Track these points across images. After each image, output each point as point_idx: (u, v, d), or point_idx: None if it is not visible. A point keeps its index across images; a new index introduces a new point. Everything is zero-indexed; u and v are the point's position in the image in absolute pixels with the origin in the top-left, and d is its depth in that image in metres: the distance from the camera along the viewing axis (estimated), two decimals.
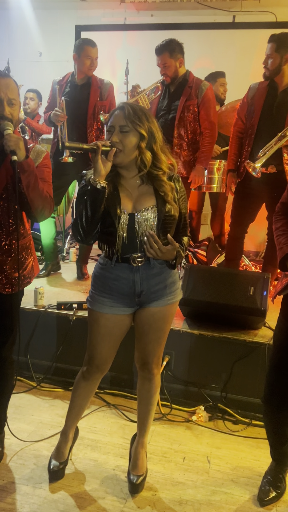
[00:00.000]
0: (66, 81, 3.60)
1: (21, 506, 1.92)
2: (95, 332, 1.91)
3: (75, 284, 3.66)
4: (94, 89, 3.55)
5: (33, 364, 2.96)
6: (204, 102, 3.36)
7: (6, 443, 2.29)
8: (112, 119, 1.77)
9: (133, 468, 2.08)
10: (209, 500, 2.03)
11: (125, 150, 1.73)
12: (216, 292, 2.80)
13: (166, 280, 1.87)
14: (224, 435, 2.51)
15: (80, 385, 2.01)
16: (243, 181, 3.29)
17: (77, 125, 3.53)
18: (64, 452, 2.11)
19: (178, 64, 3.38)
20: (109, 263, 1.84)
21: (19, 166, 1.76)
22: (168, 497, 2.03)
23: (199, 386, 2.76)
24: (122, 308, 1.87)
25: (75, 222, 1.79)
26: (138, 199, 1.79)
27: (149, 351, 1.96)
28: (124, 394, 2.82)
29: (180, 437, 2.47)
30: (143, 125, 1.74)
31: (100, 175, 1.71)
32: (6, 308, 2.03)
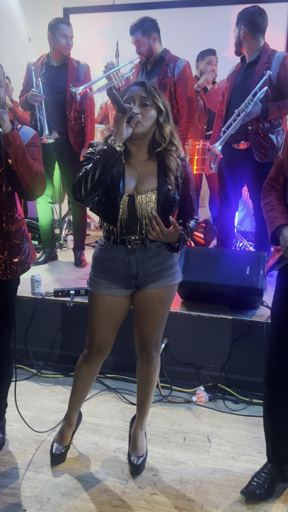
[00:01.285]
0: (41, 62, 3.55)
1: (24, 490, 1.94)
2: (94, 313, 1.92)
3: (73, 271, 3.65)
4: (71, 70, 3.52)
5: (33, 352, 2.97)
6: (181, 80, 3.28)
7: (7, 429, 2.30)
8: (129, 92, 1.76)
9: (133, 450, 2.09)
10: (210, 478, 2.05)
11: (145, 123, 1.72)
12: (213, 273, 2.79)
13: (163, 263, 1.86)
14: (225, 415, 2.52)
15: (82, 369, 2.02)
16: (222, 158, 3.29)
17: (56, 106, 3.50)
18: (67, 436, 2.13)
19: (151, 41, 3.29)
20: (107, 244, 1.84)
21: (5, 139, 1.75)
22: (169, 477, 2.05)
23: (199, 367, 2.77)
24: (119, 289, 1.87)
25: (78, 180, 1.74)
26: (140, 180, 1.78)
27: (146, 333, 1.95)
28: (124, 378, 2.83)
29: (181, 418, 2.49)
30: (161, 101, 1.75)
31: (121, 137, 1.68)
32: (2, 296, 2.02)
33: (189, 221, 1.90)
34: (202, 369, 2.77)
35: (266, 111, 2.94)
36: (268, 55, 3.01)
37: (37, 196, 1.94)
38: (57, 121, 3.52)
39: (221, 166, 3.34)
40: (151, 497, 1.92)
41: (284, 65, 2.95)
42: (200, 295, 2.85)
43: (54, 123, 3.52)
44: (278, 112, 2.96)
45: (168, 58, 3.32)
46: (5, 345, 2.14)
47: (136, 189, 1.77)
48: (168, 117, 1.79)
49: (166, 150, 1.78)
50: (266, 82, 2.96)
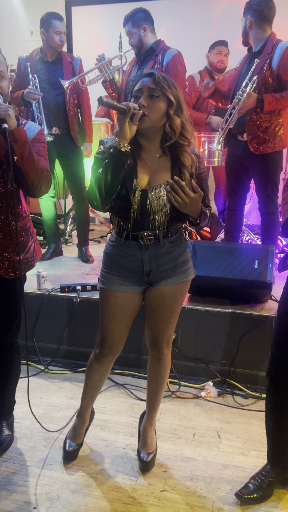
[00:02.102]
0: (35, 58, 3.50)
1: (33, 487, 1.93)
2: (106, 311, 1.87)
3: (79, 266, 3.63)
4: (66, 65, 3.49)
5: (40, 348, 2.96)
6: (169, 70, 3.16)
7: (15, 426, 2.29)
8: (139, 84, 1.70)
9: (142, 446, 2.08)
10: (220, 474, 2.03)
11: (152, 115, 1.66)
12: (221, 267, 2.76)
13: (176, 259, 1.82)
14: (234, 410, 2.50)
15: (94, 367, 1.98)
16: (229, 151, 3.25)
17: (54, 103, 3.47)
18: (80, 433, 2.11)
19: (141, 32, 3.21)
20: (118, 240, 1.79)
21: (11, 135, 1.71)
22: (179, 473, 2.03)
23: (207, 362, 2.75)
24: (131, 286, 1.83)
25: (91, 187, 1.69)
26: (153, 174, 1.73)
27: (158, 330, 1.92)
28: (132, 374, 2.81)
29: (190, 413, 2.47)
30: (172, 92, 1.68)
31: (126, 138, 1.63)
32: (9, 294, 2.00)
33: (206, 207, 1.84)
34: (210, 364, 2.74)
35: (261, 102, 2.89)
36: (273, 44, 2.95)
37: (43, 193, 1.91)
38: (57, 117, 3.49)
39: (227, 158, 3.31)
40: (162, 494, 1.91)
41: (285, 56, 2.89)
42: (208, 290, 2.82)
43: (54, 119, 3.49)
44: (275, 104, 2.90)
45: (159, 49, 3.24)
46: (13, 342, 2.12)
47: (149, 184, 1.72)
48: (181, 109, 1.71)
49: (178, 144, 1.72)
50: (260, 71, 2.91)
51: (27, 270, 2.06)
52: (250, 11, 2.97)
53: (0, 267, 1.92)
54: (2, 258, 1.92)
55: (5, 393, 2.18)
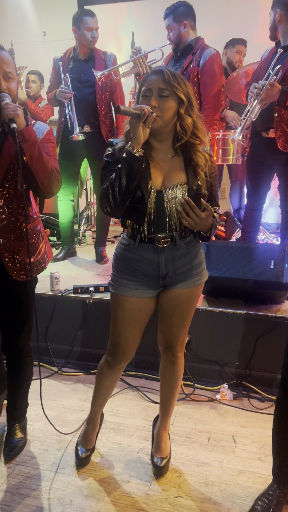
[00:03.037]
0: (68, 57, 3.48)
1: (46, 492, 1.91)
2: (120, 317, 1.82)
3: (92, 267, 3.61)
4: (98, 62, 3.43)
5: (53, 350, 2.94)
6: (205, 71, 3.12)
7: (28, 429, 2.28)
8: (147, 83, 1.64)
9: (156, 451, 2.04)
10: (236, 480, 1.98)
11: (163, 116, 1.61)
12: (236, 267, 2.71)
13: (192, 261, 1.77)
14: (250, 413, 2.45)
15: (105, 374, 1.93)
16: (251, 149, 3.17)
17: (86, 101, 3.43)
18: (91, 438, 2.09)
19: (182, 28, 3.16)
20: (132, 243, 1.74)
21: (20, 135, 1.69)
22: (194, 479, 1.99)
23: (222, 364, 2.70)
24: (146, 290, 1.78)
25: (104, 193, 1.64)
26: (168, 175, 1.68)
27: (173, 334, 1.88)
28: (146, 376, 2.78)
29: (204, 417, 2.42)
30: (182, 90, 1.62)
31: (139, 142, 1.58)
32: (21, 296, 1.99)
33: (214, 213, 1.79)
34: (225, 367, 2.69)
35: (285, 95, 2.81)
36: None
37: (53, 193, 1.89)
38: (88, 115, 3.45)
39: (250, 156, 3.22)
40: (176, 500, 1.87)
41: None
42: (223, 291, 2.77)
43: (85, 117, 3.46)
44: None
45: (198, 47, 3.18)
46: (25, 344, 2.11)
47: (163, 184, 1.68)
48: (192, 106, 1.66)
49: (190, 144, 1.67)
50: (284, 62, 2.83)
51: (39, 272, 2.04)
52: (279, 5, 2.87)
53: (12, 269, 1.90)
54: (14, 261, 1.90)
55: (17, 395, 2.17)
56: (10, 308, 2.00)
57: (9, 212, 1.85)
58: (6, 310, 2.01)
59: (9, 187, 1.82)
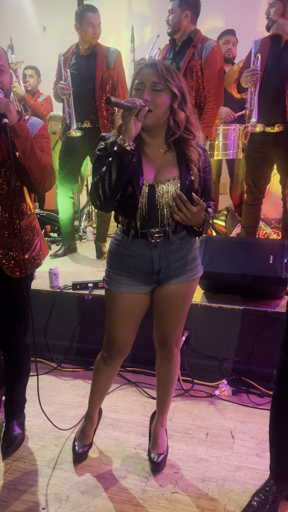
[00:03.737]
0: (71, 52, 3.47)
1: (43, 487, 1.92)
2: (114, 313, 1.81)
3: (92, 263, 3.60)
4: (100, 58, 3.41)
5: (52, 346, 2.95)
6: (209, 63, 3.10)
7: (27, 425, 2.28)
8: (140, 76, 1.61)
9: (153, 447, 2.04)
10: (233, 476, 1.97)
11: (156, 110, 1.58)
12: (235, 262, 2.69)
13: (186, 256, 1.76)
14: (249, 409, 2.44)
15: (101, 370, 1.93)
16: (251, 144, 3.13)
17: (85, 97, 3.41)
18: (89, 435, 2.08)
19: (183, 16, 3.11)
20: (125, 238, 1.73)
21: (12, 130, 1.68)
22: (191, 474, 1.98)
23: (221, 359, 2.69)
24: (140, 286, 1.77)
25: (95, 186, 1.62)
26: (160, 170, 1.66)
27: (168, 330, 1.87)
28: (145, 372, 2.78)
29: (203, 412, 2.42)
30: (175, 84, 1.60)
31: (131, 136, 1.55)
32: (16, 293, 1.98)
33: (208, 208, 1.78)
34: (224, 362, 2.68)
35: None
36: None
37: (47, 189, 1.88)
38: (88, 111, 3.44)
39: (250, 151, 3.18)
40: (173, 496, 1.87)
41: None
42: (222, 286, 2.75)
43: (85, 113, 3.45)
44: None
45: (197, 39, 3.15)
46: (21, 341, 2.11)
47: (156, 179, 1.66)
48: (185, 101, 1.64)
49: (183, 139, 1.65)
50: None
51: (34, 269, 2.04)
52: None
53: (7, 266, 1.90)
54: (8, 257, 1.90)
55: (14, 391, 2.17)
56: (5, 305, 2.00)
57: (2, 209, 1.84)
58: (2, 307, 2.01)
59: (2, 183, 1.82)
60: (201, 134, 1.71)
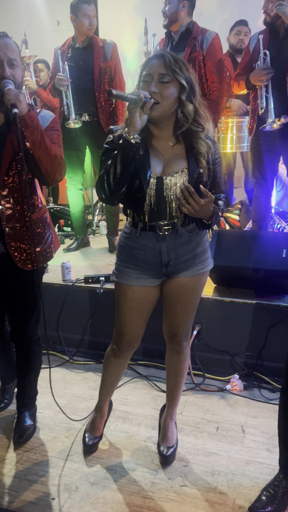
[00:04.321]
0: (67, 46, 3.47)
1: (53, 478, 1.94)
2: (123, 306, 1.82)
3: (105, 257, 3.61)
4: (97, 50, 3.42)
5: (65, 339, 2.97)
6: (211, 53, 3.07)
7: (38, 416, 2.31)
8: (148, 68, 1.59)
9: (162, 440, 2.04)
10: (243, 470, 1.96)
11: (163, 102, 1.57)
12: (247, 256, 2.66)
13: (195, 249, 1.74)
14: (260, 404, 2.42)
15: (111, 363, 1.94)
16: (258, 137, 3.09)
17: (84, 89, 3.42)
18: (99, 426, 2.10)
19: (180, 6, 3.06)
20: (134, 231, 1.72)
21: (22, 121, 1.68)
22: (200, 468, 1.98)
23: (233, 354, 2.67)
24: (149, 279, 1.76)
25: (100, 179, 1.62)
26: (168, 163, 1.64)
27: (178, 323, 1.86)
28: (156, 365, 2.78)
29: (214, 406, 2.41)
30: (184, 76, 1.57)
31: (136, 128, 1.54)
32: (27, 286, 2.00)
33: (218, 200, 1.76)
34: (236, 357, 2.66)
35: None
36: None
37: (57, 181, 1.88)
38: (86, 103, 3.44)
39: (257, 144, 3.15)
40: (181, 489, 1.87)
41: None
42: (234, 280, 2.73)
43: (84, 105, 3.45)
44: None
45: (196, 31, 3.12)
46: (33, 334, 2.13)
47: (164, 171, 1.64)
48: (193, 92, 1.61)
49: (192, 131, 1.63)
50: None
51: (45, 261, 2.05)
52: None
53: (18, 259, 1.91)
54: (20, 250, 1.91)
55: (26, 383, 2.19)
56: (17, 297, 2.02)
57: (14, 201, 1.85)
58: (14, 300, 2.03)
59: (13, 176, 1.82)
60: (211, 126, 1.69)
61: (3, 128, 1.81)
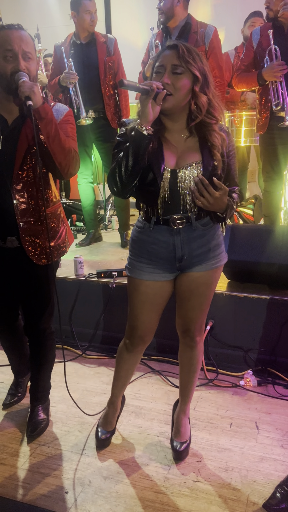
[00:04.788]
0: (69, 43, 3.45)
1: (66, 472, 1.94)
2: (135, 300, 1.81)
3: (117, 252, 3.61)
4: (100, 45, 3.40)
5: (77, 333, 2.97)
6: (212, 48, 3.02)
7: (51, 410, 2.32)
8: (161, 59, 1.57)
9: (176, 435, 2.03)
10: (257, 467, 1.94)
11: (176, 94, 1.54)
12: (261, 251, 2.63)
13: (209, 243, 1.72)
14: (274, 400, 2.39)
15: (123, 357, 1.94)
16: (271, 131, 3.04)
17: (90, 85, 3.40)
18: (112, 421, 2.09)
19: (175, 2, 2.99)
20: (147, 225, 1.71)
21: (36, 113, 1.67)
22: (214, 464, 1.97)
23: (246, 349, 2.64)
24: (162, 273, 1.75)
25: (112, 172, 1.60)
26: (182, 155, 1.62)
27: (191, 318, 1.84)
28: (169, 360, 2.76)
29: (227, 402, 2.39)
30: (197, 67, 1.55)
31: (148, 120, 1.52)
32: (42, 280, 2.00)
33: (232, 193, 1.72)
34: (250, 352, 2.64)
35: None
36: None
37: (71, 174, 1.87)
38: (92, 99, 3.43)
39: (269, 138, 3.10)
40: (195, 485, 1.86)
41: None
42: (247, 275, 2.70)
43: (90, 102, 3.43)
44: None
45: (195, 25, 3.06)
46: (46, 328, 2.13)
47: (177, 164, 1.62)
48: (207, 84, 1.58)
49: (205, 124, 1.60)
50: None
51: (59, 256, 2.05)
52: None
53: (33, 253, 1.91)
54: (34, 245, 1.91)
55: (39, 377, 2.20)
56: (31, 292, 2.02)
57: (28, 196, 1.85)
58: (28, 294, 2.03)
59: (28, 170, 1.82)
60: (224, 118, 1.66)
61: (18, 122, 1.80)
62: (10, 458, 2.02)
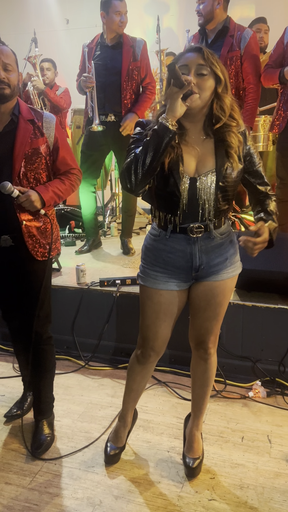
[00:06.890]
0: (95, 43, 3.37)
1: (75, 491, 1.86)
2: (149, 310, 1.74)
3: (118, 259, 3.53)
4: (126, 49, 3.30)
5: (80, 343, 2.89)
6: (248, 53, 2.98)
7: (56, 425, 2.23)
8: (184, 60, 1.53)
9: (188, 451, 1.96)
10: (273, 483, 1.88)
11: (202, 95, 1.50)
12: (269, 259, 2.58)
13: (227, 252, 1.67)
14: (285, 412, 2.34)
15: (135, 370, 1.86)
16: (283, 134, 3.00)
17: (111, 88, 3.31)
18: (122, 436, 2.02)
19: (215, 4, 2.96)
20: (163, 234, 1.65)
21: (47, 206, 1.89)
22: (228, 481, 1.90)
23: (255, 360, 2.59)
24: (177, 283, 1.69)
25: (127, 167, 1.53)
26: (201, 159, 1.57)
27: (206, 329, 1.78)
28: (175, 371, 2.70)
29: (237, 415, 2.33)
30: (220, 68, 1.52)
31: (175, 115, 1.46)
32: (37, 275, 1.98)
33: (267, 204, 1.67)
34: (258, 363, 2.58)
35: None
36: None
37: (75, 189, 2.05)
38: (113, 103, 3.34)
39: (283, 142, 3.05)
40: (210, 503, 1.79)
41: None
42: (255, 284, 2.64)
43: (110, 105, 3.35)
44: None
45: (233, 28, 3.01)
46: (43, 332, 2.06)
47: (197, 171, 1.57)
48: (227, 87, 1.55)
49: (226, 125, 1.56)
50: None
51: (55, 253, 2.06)
52: None
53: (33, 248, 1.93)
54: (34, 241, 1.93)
55: (41, 387, 2.12)
56: (25, 287, 1.99)
57: None
58: (21, 293, 2.00)
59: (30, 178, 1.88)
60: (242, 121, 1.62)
61: (10, 126, 1.84)
62: (16, 477, 1.93)
